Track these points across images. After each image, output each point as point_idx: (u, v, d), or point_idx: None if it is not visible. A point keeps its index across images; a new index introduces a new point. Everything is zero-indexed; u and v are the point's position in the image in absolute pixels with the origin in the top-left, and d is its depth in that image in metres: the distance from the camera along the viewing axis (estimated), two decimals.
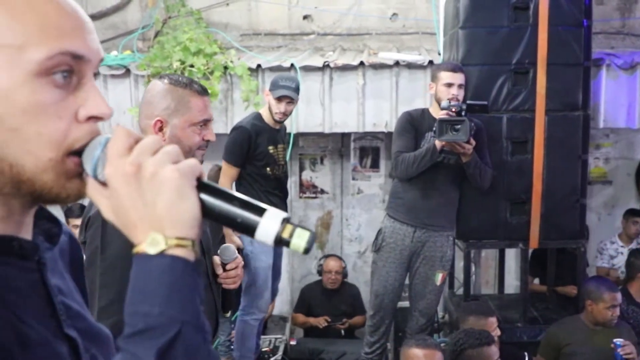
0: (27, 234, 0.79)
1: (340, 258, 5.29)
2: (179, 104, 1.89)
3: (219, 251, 2.03)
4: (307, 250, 0.74)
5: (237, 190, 3.85)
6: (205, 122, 1.94)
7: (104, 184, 0.73)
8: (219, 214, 0.75)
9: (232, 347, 4.26)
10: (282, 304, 5.71)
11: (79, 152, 0.74)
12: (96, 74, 0.81)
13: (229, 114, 5.08)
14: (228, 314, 2.16)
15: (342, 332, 5.06)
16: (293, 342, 4.82)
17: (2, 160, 0.70)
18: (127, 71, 5.11)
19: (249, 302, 3.99)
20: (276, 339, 4.77)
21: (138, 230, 0.71)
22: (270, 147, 3.90)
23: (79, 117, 0.73)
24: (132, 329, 0.68)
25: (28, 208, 0.77)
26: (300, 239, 0.74)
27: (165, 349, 0.66)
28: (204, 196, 0.74)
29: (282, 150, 4.02)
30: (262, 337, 4.52)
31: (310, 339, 5.04)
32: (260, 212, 0.75)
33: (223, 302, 2.10)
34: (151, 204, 0.70)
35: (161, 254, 0.69)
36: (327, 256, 5.32)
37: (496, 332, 3.37)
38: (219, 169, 4.15)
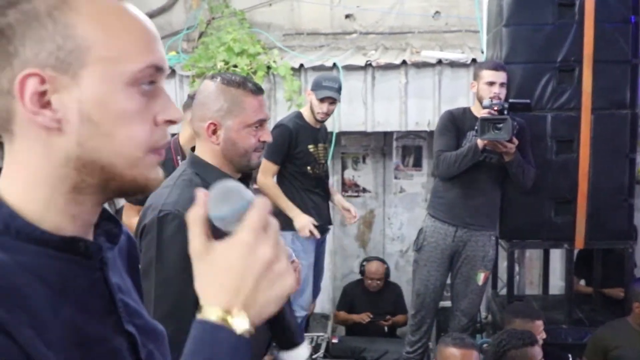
0: (90, 234, 0.84)
1: (382, 261, 5.24)
2: (232, 105, 1.83)
3: None
4: None
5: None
6: (261, 123, 1.89)
7: (217, 230, 0.79)
8: (279, 325, 0.84)
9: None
10: (324, 302, 5.73)
11: (159, 149, 0.83)
12: None
13: (272, 114, 5.12)
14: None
15: (385, 329, 5.06)
16: (335, 340, 4.83)
17: (94, 162, 0.77)
18: (173, 72, 5.21)
19: (290, 299, 4.02)
20: (318, 336, 4.79)
21: (229, 298, 0.75)
22: (311, 146, 3.93)
23: (158, 121, 0.81)
24: None
25: (99, 207, 0.84)
26: None
27: None
28: None
29: (323, 149, 4.04)
30: (304, 334, 4.55)
31: (353, 337, 5.05)
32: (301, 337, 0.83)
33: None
34: (257, 291, 0.76)
35: (236, 331, 0.75)
36: (369, 259, 5.26)
37: (542, 335, 3.32)
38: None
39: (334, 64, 4.90)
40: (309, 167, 3.93)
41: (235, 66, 5.08)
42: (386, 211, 5.93)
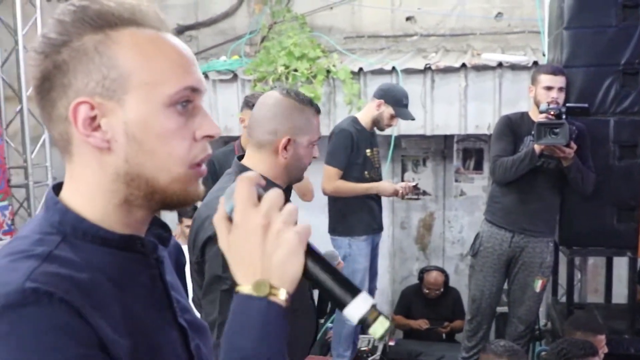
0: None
1: (441, 270, 5.20)
2: (305, 123, 1.92)
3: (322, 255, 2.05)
4: (381, 337, 0.84)
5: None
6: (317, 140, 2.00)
7: (231, 219, 0.85)
8: (318, 281, 0.85)
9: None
10: (382, 305, 5.75)
11: (200, 163, 0.90)
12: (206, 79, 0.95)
13: (332, 117, 5.18)
14: (322, 320, 2.16)
15: (443, 335, 5.04)
16: (392, 343, 4.84)
17: (139, 177, 0.86)
18: (235, 76, 5.34)
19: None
20: (375, 339, 4.81)
21: (248, 272, 0.82)
22: (368, 150, 3.95)
23: (196, 137, 0.88)
24: (227, 357, 0.81)
25: (149, 217, 0.93)
26: (380, 325, 0.82)
27: None
28: (309, 262, 0.85)
29: (377, 153, 4.06)
30: (361, 336, 4.57)
31: (410, 340, 5.04)
32: (353, 292, 0.84)
33: (322, 306, 2.11)
34: (268, 255, 0.82)
35: (263, 297, 0.81)
36: (428, 269, 5.22)
37: (603, 350, 3.23)
38: None
39: (393, 68, 4.91)
40: (366, 172, 3.94)
41: (295, 70, 5.16)
42: (446, 214, 5.88)
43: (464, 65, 4.76)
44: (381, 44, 5.76)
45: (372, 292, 4.38)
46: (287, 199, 0.94)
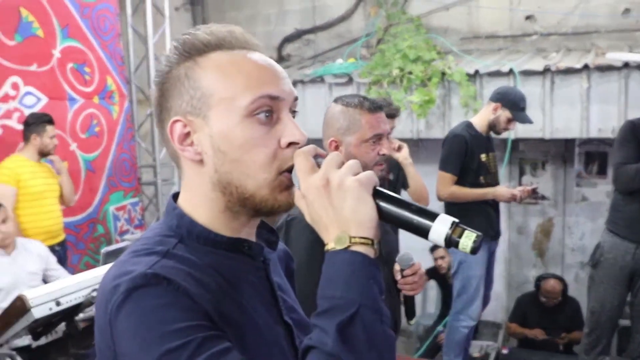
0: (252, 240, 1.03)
1: (559, 278, 5.02)
2: (350, 123, 2.00)
3: (397, 258, 2.06)
4: (474, 250, 0.82)
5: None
6: (378, 137, 2.01)
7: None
8: (395, 217, 0.87)
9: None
10: (497, 310, 5.63)
11: (289, 170, 0.94)
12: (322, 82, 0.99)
13: (447, 120, 5.14)
14: (412, 321, 2.17)
15: (560, 346, 4.87)
16: (505, 351, 4.75)
17: (229, 185, 0.93)
18: (350, 79, 5.41)
19: (459, 309, 4.03)
20: (487, 345, 4.74)
21: (329, 232, 0.87)
22: (483, 155, 3.89)
23: (282, 144, 0.93)
24: (320, 309, 0.84)
25: (253, 221, 1.00)
26: (468, 239, 0.82)
27: (345, 324, 0.80)
28: (380, 202, 0.88)
29: (493, 158, 3.98)
30: (473, 342, 4.52)
31: (524, 349, 4.91)
32: (432, 216, 0.85)
33: (406, 309, 2.13)
34: (338, 209, 0.86)
35: (345, 249, 0.85)
36: (545, 277, 5.05)
37: None
38: None
39: (511, 70, 4.79)
40: (481, 177, 3.88)
41: (410, 73, 5.15)
42: (566, 220, 5.67)
43: (586, 66, 4.56)
44: (499, 44, 5.63)
45: (487, 300, 4.31)
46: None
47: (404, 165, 3.78)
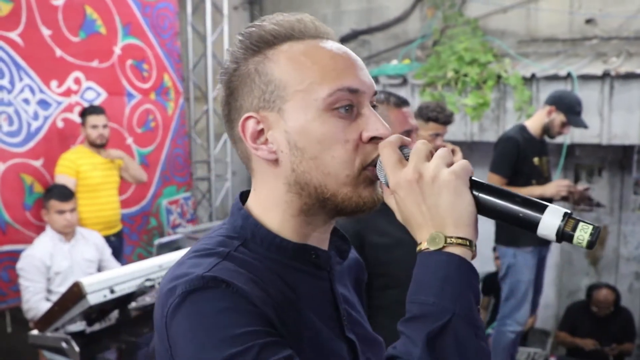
0: (324, 248, 0.97)
1: (612, 288, 4.90)
2: None
3: None
4: (591, 244, 0.73)
5: None
6: (407, 133, 1.97)
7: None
8: (497, 210, 0.79)
9: None
10: (547, 318, 5.54)
11: (373, 163, 0.88)
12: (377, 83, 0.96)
13: (501, 123, 5.08)
14: None
15: (610, 358, 4.76)
16: (553, 359, 4.67)
17: (308, 185, 0.88)
18: (405, 80, 5.41)
19: (507, 313, 3.99)
20: (535, 352, 4.66)
21: (423, 230, 0.80)
22: (536, 159, 3.84)
23: (363, 138, 0.88)
24: (409, 315, 0.77)
25: (329, 224, 0.94)
26: (583, 232, 0.73)
27: (435, 334, 0.73)
28: (480, 194, 0.80)
29: (546, 162, 3.93)
30: (521, 348, 4.46)
31: (573, 359, 4.82)
32: (541, 208, 0.76)
33: None
34: (434, 205, 0.79)
35: (439, 250, 0.78)
36: (598, 286, 4.95)
37: None
38: None
39: (569, 74, 4.71)
40: (533, 181, 3.83)
41: (465, 75, 5.12)
42: (622, 229, 5.52)
43: None
44: (557, 48, 5.53)
45: (535, 306, 4.26)
46: None
47: None
